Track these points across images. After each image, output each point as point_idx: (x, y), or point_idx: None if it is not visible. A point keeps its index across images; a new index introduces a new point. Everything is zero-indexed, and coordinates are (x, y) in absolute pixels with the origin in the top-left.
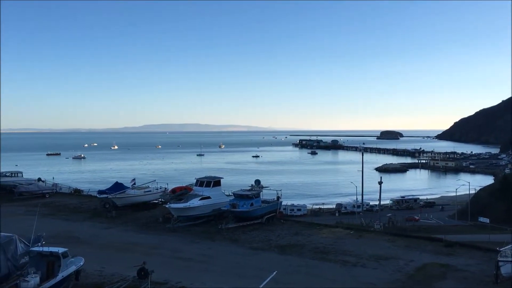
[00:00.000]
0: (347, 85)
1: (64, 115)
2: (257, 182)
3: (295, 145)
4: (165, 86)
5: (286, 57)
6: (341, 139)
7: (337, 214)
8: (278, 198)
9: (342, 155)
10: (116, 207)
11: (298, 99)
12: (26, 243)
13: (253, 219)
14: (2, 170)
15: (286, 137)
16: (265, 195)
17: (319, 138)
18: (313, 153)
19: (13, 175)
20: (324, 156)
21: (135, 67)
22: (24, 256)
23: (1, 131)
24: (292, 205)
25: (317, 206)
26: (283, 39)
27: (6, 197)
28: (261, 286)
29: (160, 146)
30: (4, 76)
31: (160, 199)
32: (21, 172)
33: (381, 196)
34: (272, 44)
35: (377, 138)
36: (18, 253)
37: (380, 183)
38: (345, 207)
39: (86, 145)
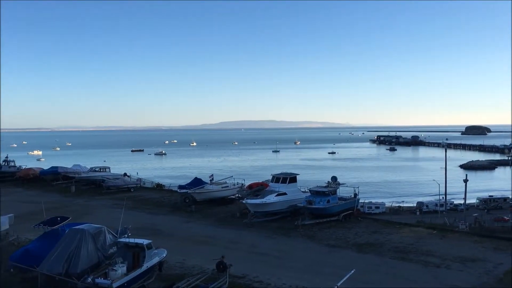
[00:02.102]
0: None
1: (146, 114)
2: (334, 178)
3: (373, 141)
4: (241, 84)
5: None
6: (421, 135)
7: (418, 213)
8: (355, 195)
9: (423, 152)
10: (195, 202)
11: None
12: (114, 234)
13: (329, 216)
14: (92, 166)
15: (363, 133)
16: (342, 192)
17: (398, 134)
18: (392, 150)
19: (101, 170)
20: (403, 152)
21: (213, 67)
22: (112, 246)
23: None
24: (370, 202)
25: (397, 204)
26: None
27: (96, 191)
28: (338, 284)
29: (236, 143)
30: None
31: (237, 195)
32: (109, 167)
33: (467, 195)
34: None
35: (461, 134)
36: (107, 244)
37: (466, 181)
38: (427, 206)
39: (167, 142)
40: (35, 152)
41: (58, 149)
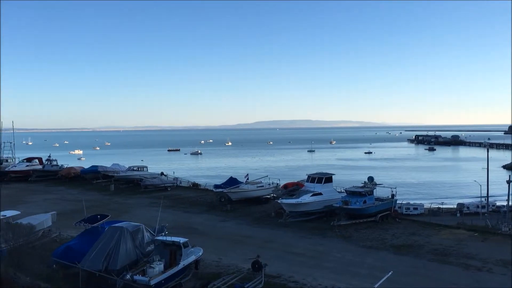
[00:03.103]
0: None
1: (182, 113)
2: (370, 179)
3: (411, 141)
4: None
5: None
6: (462, 134)
7: (458, 215)
8: (392, 196)
9: (464, 152)
10: (231, 201)
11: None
12: (152, 232)
13: (366, 216)
14: (130, 165)
15: (400, 133)
16: (379, 192)
17: (437, 133)
18: (431, 149)
19: (139, 169)
20: (443, 152)
21: (248, 67)
22: (150, 244)
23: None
24: (408, 203)
25: (436, 206)
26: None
27: (134, 189)
28: (376, 286)
29: (271, 143)
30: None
31: (272, 194)
32: (146, 167)
33: (510, 196)
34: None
35: (504, 133)
36: (145, 242)
37: (509, 182)
38: (468, 207)
39: (203, 141)
40: (76, 152)
41: (98, 148)
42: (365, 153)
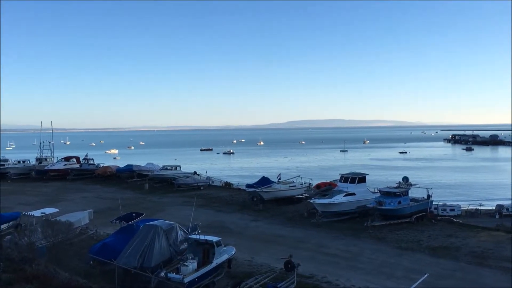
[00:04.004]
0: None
1: (215, 113)
2: (405, 179)
3: (447, 140)
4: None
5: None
6: (501, 134)
7: (497, 216)
8: (428, 196)
9: (504, 152)
10: (263, 201)
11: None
12: (185, 230)
13: (401, 217)
14: (164, 164)
15: (436, 132)
16: (414, 193)
17: (475, 132)
18: (469, 149)
19: (172, 168)
20: (481, 152)
21: (281, 66)
22: (183, 242)
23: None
24: (444, 204)
25: (473, 207)
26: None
27: (168, 188)
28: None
29: (303, 142)
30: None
31: (304, 194)
32: (180, 166)
33: None
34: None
35: None
36: (178, 240)
37: None
38: (507, 209)
39: (235, 141)
40: (112, 151)
41: (133, 148)
42: (400, 153)
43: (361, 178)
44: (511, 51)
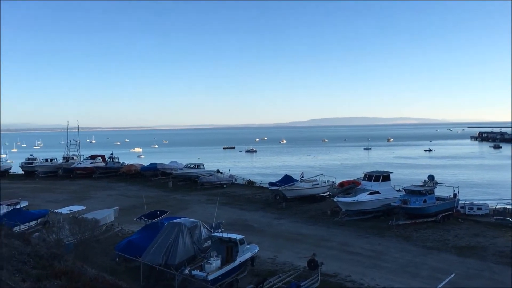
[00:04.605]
0: None
1: (238, 112)
2: (431, 177)
3: (474, 138)
4: (331, 80)
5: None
6: None
7: None
8: (455, 195)
9: None
10: (286, 199)
11: (476, 88)
12: (209, 228)
13: (426, 216)
14: (187, 162)
15: (463, 130)
16: (440, 191)
17: (503, 130)
18: (496, 147)
19: (196, 167)
20: (509, 150)
21: (302, 64)
22: (207, 240)
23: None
24: (471, 203)
25: (502, 206)
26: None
27: (191, 186)
28: (438, 287)
29: (326, 140)
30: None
31: (327, 193)
32: (203, 164)
33: None
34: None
35: None
36: (202, 237)
37: None
38: None
39: (257, 139)
40: (136, 149)
41: (156, 146)
42: (425, 150)
43: (385, 177)
44: None
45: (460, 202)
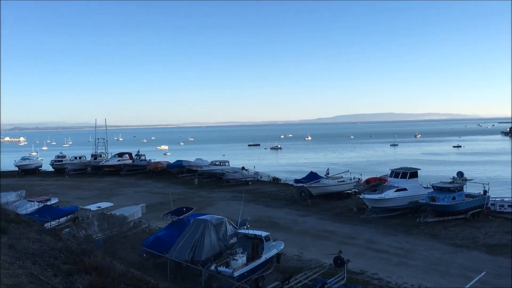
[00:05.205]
0: None
1: (263, 109)
2: (460, 174)
3: (505, 133)
4: (357, 75)
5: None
6: None
7: None
8: (485, 192)
9: None
10: (311, 196)
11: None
12: (234, 225)
13: (455, 214)
14: (212, 159)
15: (493, 125)
16: (469, 188)
17: None
18: None
19: (221, 164)
20: None
21: (327, 61)
22: (233, 237)
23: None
24: (502, 200)
25: None
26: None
27: (216, 183)
28: (467, 286)
29: (352, 137)
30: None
31: (353, 190)
32: (228, 161)
33: None
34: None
35: None
36: (228, 234)
37: None
38: None
39: (282, 136)
40: (162, 147)
41: (182, 144)
42: (454, 147)
43: (413, 173)
44: None
45: (490, 199)
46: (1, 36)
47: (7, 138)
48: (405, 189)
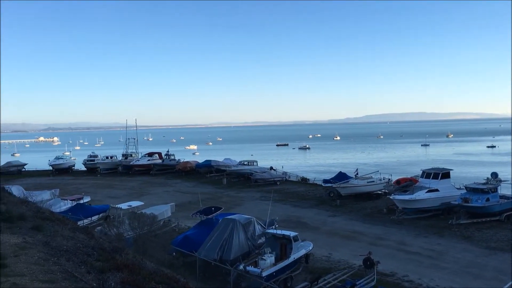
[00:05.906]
0: None
1: (291, 109)
2: (494, 175)
3: None
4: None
5: None
6: None
7: None
8: None
9: None
10: (340, 196)
11: None
12: (262, 225)
13: (489, 215)
14: (241, 159)
15: None
16: (504, 190)
17: None
18: None
19: (249, 163)
20: None
21: (357, 60)
22: (261, 237)
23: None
24: None
25: None
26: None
27: (245, 183)
28: None
29: (381, 136)
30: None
31: (383, 190)
32: (256, 161)
33: None
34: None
35: None
36: (256, 234)
37: None
38: None
39: (311, 136)
40: (191, 147)
41: (211, 143)
42: (488, 147)
43: (445, 174)
44: None
45: None
46: (29, 37)
47: (41, 138)
48: (437, 190)
